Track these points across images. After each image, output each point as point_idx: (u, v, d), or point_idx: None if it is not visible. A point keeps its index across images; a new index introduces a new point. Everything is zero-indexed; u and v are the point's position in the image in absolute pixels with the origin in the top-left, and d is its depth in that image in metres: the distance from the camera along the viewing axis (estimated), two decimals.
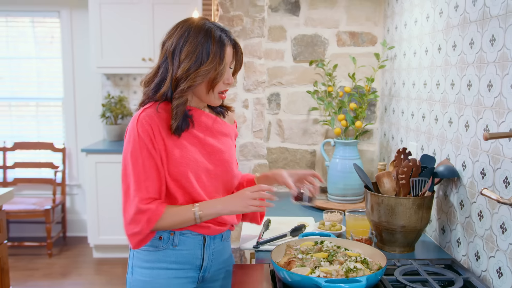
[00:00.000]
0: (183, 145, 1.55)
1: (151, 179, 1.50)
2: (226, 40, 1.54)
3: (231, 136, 1.72)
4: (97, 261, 4.54)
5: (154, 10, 4.58)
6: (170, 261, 1.58)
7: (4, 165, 4.97)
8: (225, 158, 1.63)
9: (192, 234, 1.59)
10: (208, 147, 1.60)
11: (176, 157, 1.53)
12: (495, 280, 1.49)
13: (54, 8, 5.04)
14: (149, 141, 1.50)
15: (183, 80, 1.49)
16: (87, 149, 4.45)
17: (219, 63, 1.51)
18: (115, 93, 5.07)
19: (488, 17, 1.56)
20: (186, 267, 1.60)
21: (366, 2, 2.79)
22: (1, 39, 5.13)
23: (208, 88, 1.54)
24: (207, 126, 1.62)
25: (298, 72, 2.84)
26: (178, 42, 1.50)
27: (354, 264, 1.43)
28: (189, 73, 1.48)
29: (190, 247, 1.60)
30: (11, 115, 5.22)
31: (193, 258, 1.61)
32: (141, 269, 1.59)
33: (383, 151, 2.77)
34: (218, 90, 1.56)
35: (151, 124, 1.50)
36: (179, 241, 1.58)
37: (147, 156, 1.50)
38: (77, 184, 5.24)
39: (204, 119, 1.61)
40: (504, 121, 1.45)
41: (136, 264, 1.61)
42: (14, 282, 3.99)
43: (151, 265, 1.58)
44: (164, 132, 1.52)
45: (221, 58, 1.51)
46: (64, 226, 5.13)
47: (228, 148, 1.66)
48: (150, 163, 1.50)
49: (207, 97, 1.57)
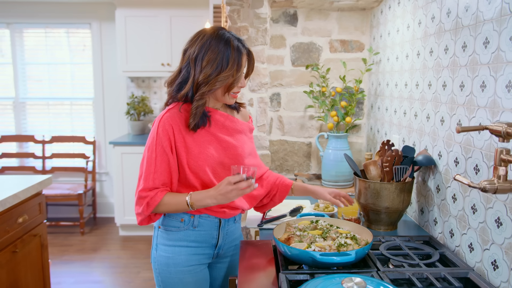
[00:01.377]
0: (201, 142, 1.54)
1: (159, 172, 1.49)
2: (243, 49, 1.53)
3: (245, 132, 1.68)
4: (122, 239, 4.56)
5: (172, 22, 4.57)
6: (190, 240, 1.59)
7: (43, 156, 4.99)
8: (238, 153, 1.61)
9: (210, 217, 1.60)
10: (224, 143, 1.58)
11: (195, 153, 1.52)
12: (467, 254, 1.48)
13: (86, 21, 5.04)
14: (166, 139, 1.49)
15: (204, 84, 1.48)
16: (114, 142, 4.46)
17: (237, 70, 1.50)
18: (138, 93, 5.07)
19: (460, 26, 1.54)
20: (203, 245, 1.61)
21: (354, 14, 2.77)
22: (41, 47, 5.13)
23: (224, 91, 1.53)
24: (223, 124, 1.60)
25: (296, 75, 2.83)
26: (200, 50, 1.48)
27: (344, 240, 1.43)
28: (209, 79, 1.47)
29: (207, 228, 1.61)
30: (49, 112, 5.22)
31: (210, 237, 1.62)
32: (164, 246, 1.60)
33: (370, 143, 2.76)
34: (232, 92, 1.56)
35: (172, 124, 1.50)
36: (199, 223, 1.59)
37: (161, 153, 1.49)
38: (106, 172, 5.26)
39: (219, 118, 1.60)
40: (475, 116, 1.44)
41: (160, 242, 1.61)
42: (52, 256, 4.02)
43: (173, 243, 1.59)
44: (184, 131, 1.52)
45: (238, 65, 1.50)
46: (94, 208, 5.15)
47: (242, 144, 1.64)
48: (163, 158, 1.49)
49: (223, 98, 1.56)
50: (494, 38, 1.33)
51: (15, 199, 2.25)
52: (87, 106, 5.22)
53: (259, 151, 2.62)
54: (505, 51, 1.28)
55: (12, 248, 2.25)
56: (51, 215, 5.14)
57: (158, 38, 4.59)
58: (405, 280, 1.35)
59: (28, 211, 2.41)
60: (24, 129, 5.21)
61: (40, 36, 5.11)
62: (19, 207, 2.32)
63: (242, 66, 1.52)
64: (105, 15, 5.00)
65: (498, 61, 1.31)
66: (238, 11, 2.50)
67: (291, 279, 1.32)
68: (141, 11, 4.56)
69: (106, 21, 5.01)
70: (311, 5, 2.69)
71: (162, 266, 1.60)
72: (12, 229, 2.25)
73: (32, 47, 5.13)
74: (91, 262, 3.98)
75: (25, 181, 2.48)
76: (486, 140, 1.37)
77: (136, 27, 4.58)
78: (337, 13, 2.77)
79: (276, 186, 1.80)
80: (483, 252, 1.38)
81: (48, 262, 2.68)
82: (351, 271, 1.34)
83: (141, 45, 4.59)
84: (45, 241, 2.63)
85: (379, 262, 1.43)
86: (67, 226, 4.88)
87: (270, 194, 1.80)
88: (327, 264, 1.32)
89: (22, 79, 5.14)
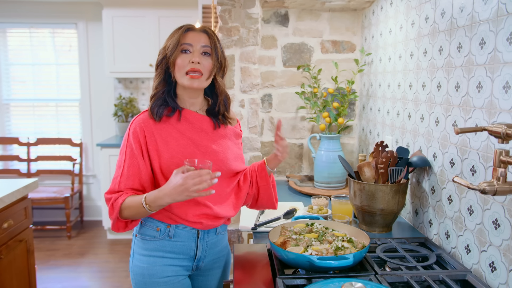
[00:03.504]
0: (175, 146, 1.47)
1: (126, 176, 1.44)
2: (188, 26, 1.51)
3: (229, 137, 1.60)
4: (110, 242, 4.50)
5: (160, 22, 4.53)
6: (166, 251, 1.51)
7: (28, 158, 4.89)
8: (219, 158, 1.52)
9: (187, 228, 1.52)
10: (202, 148, 1.51)
11: (166, 157, 1.46)
12: (463, 256, 1.48)
13: (71, 21, 4.96)
14: (136, 142, 1.45)
15: (157, 61, 1.53)
16: (101, 144, 4.40)
17: (169, 40, 1.49)
18: (125, 94, 5.01)
19: (455, 27, 1.54)
20: (180, 257, 1.53)
21: (346, 14, 2.77)
22: (25, 47, 5.04)
23: (175, 69, 1.48)
24: (201, 128, 1.53)
25: (287, 75, 2.81)
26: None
27: (341, 243, 1.41)
28: (158, 55, 1.53)
29: (184, 239, 1.52)
30: (34, 114, 5.13)
31: (187, 249, 1.53)
32: (140, 256, 1.53)
33: (362, 144, 2.75)
34: (185, 70, 1.46)
35: (144, 127, 1.46)
36: (175, 233, 1.51)
37: (130, 156, 1.45)
38: (93, 175, 5.18)
39: (196, 120, 1.53)
40: (471, 117, 1.44)
41: (136, 251, 1.55)
42: (38, 261, 3.94)
43: (149, 253, 1.51)
44: (157, 134, 1.47)
45: (174, 37, 1.48)
46: (81, 211, 5.07)
47: (224, 149, 1.55)
48: (132, 162, 1.45)
49: (181, 80, 1.48)
50: (491, 38, 1.32)
51: None
52: (73, 108, 5.14)
53: (250, 153, 2.59)
54: (502, 52, 1.27)
55: None
56: (37, 219, 5.04)
57: (146, 39, 4.54)
58: (403, 283, 1.33)
59: (13, 216, 2.35)
60: (8, 131, 5.10)
61: (25, 36, 5.02)
62: (4, 212, 2.26)
63: (176, 38, 1.47)
64: (91, 15, 4.93)
65: (495, 62, 1.30)
66: (230, 11, 2.48)
67: (288, 284, 1.29)
68: (129, 11, 4.51)
69: (93, 21, 4.94)
70: (303, 5, 2.67)
71: (138, 276, 1.52)
72: None
73: (16, 47, 5.04)
74: (78, 267, 3.91)
75: (10, 185, 2.42)
76: (483, 141, 1.36)
77: (123, 28, 4.52)
78: (329, 13, 2.76)
79: (253, 171, 1.68)
80: (481, 254, 1.37)
81: (34, 268, 2.61)
82: (349, 275, 1.32)
83: (129, 46, 4.54)
84: (31, 246, 2.56)
85: (376, 265, 1.41)
86: (54, 230, 4.80)
87: (252, 182, 1.67)
88: (325, 268, 1.30)
89: (5, 80, 5.04)
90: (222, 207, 1.56)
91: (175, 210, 1.48)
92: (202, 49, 1.48)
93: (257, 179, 1.67)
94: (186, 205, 1.48)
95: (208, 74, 1.50)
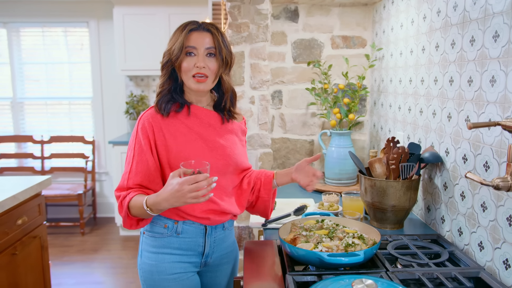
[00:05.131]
0: (183, 141, 1.47)
1: (135, 173, 1.44)
2: (191, 26, 1.47)
3: (236, 133, 1.60)
4: (123, 238, 4.53)
5: (170, 19, 4.54)
6: (174, 247, 1.51)
7: (42, 156, 4.95)
8: (227, 153, 1.52)
9: (194, 224, 1.51)
10: (210, 143, 1.50)
11: (174, 152, 1.45)
12: (477, 253, 1.45)
13: (83, 19, 4.99)
14: (145, 137, 1.45)
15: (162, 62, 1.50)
16: (113, 141, 4.42)
17: (174, 43, 1.45)
18: (137, 92, 5.03)
19: (468, 20, 1.51)
20: (189, 253, 1.53)
21: (356, 9, 2.74)
22: (38, 46, 5.09)
23: (181, 71, 1.47)
24: (209, 123, 1.53)
25: (297, 71, 2.79)
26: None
27: (352, 239, 1.40)
28: (163, 57, 1.50)
29: (192, 235, 1.52)
30: (47, 112, 5.18)
31: (195, 245, 1.53)
32: (148, 253, 1.53)
33: (373, 140, 2.73)
34: (191, 74, 1.45)
35: (151, 122, 1.46)
36: (182, 229, 1.50)
37: (139, 152, 1.45)
38: (105, 172, 5.22)
39: (204, 115, 1.53)
40: (484, 112, 1.41)
41: (144, 248, 1.55)
42: (52, 257, 3.98)
43: (157, 250, 1.51)
44: (165, 129, 1.47)
45: (178, 40, 1.45)
46: (94, 208, 5.12)
47: (231, 144, 1.55)
48: (141, 158, 1.44)
49: (188, 83, 1.47)
50: (505, 31, 1.29)
51: (14, 200, 2.21)
52: (86, 106, 5.18)
53: (261, 149, 2.59)
54: None
55: (11, 251, 2.21)
56: (51, 216, 5.10)
57: (157, 36, 4.55)
58: (414, 280, 1.32)
59: (27, 212, 2.38)
60: (23, 129, 5.16)
61: (38, 36, 5.07)
62: (18, 209, 2.29)
63: (179, 41, 1.44)
64: (102, 14, 4.96)
65: (509, 55, 1.27)
66: (239, 7, 2.47)
67: (298, 280, 1.29)
68: (139, 9, 4.52)
69: (104, 20, 4.97)
70: (312, 0, 2.65)
71: (147, 273, 1.52)
72: (11, 231, 2.22)
73: (29, 46, 5.09)
74: (92, 263, 3.95)
75: (24, 182, 2.44)
76: (496, 136, 1.34)
77: (134, 25, 4.54)
78: (339, 8, 2.74)
79: (258, 179, 1.65)
80: (494, 251, 1.35)
81: (49, 264, 2.64)
82: (360, 272, 1.30)
83: (140, 44, 4.55)
84: (45, 242, 2.59)
85: (387, 262, 1.40)
86: (67, 226, 4.85)
87: (254, 189, 1.65)
88: (335, 265, 1.29)
89: (19, 79, 5.10)
90: (228, 202, 1.56)
91: (182, 207, 1.47)
92: (207, 51, 1.47)
93: (259, 189, 1.65)
94: None
95: (214, 76, 1.49)
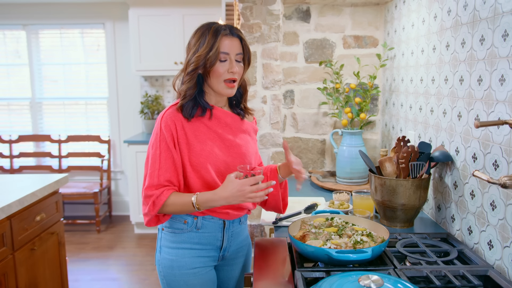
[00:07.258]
0: (203, 139, 1.51)
1: (164, 169, 1.46)
2: (223, 31, 1.49)
3: (249, 132, 1.64)
4: (138, 236, 4.60)
5: (184, 20, 4.58)
6: (193, 242, 1.55)
7: (60, 155, 5.05)
8: (242, 152, 1.57)
9: (214, 219, 1.56)
10: (227, 142, 1.55)
11: (197, 149, 1.49)
12: (486, 252, 1.46)
13: (99, 21, 5.08)
14: (169, 135, 1.48)
15: (188, 67, 1.49)
16: (128, 141, 4.49)
17: (209, 49, 1.46)
18: (151, 92, 5.10)
19: (478, 19, 1.51)
20: (208, 248, 1.57)
21: (368, 9, 2.74)
22: (56, 47, 5.19)
23: (211, 75, 1.49)
24: (226, 122, 1.57)
25: (309, 71, 2.81)
26: (191, 40, 1.53)
27: (360, 237, 1.41)
28: (190, 61, 1.49)
29: (211, 230, 1.56)
30: (64, 112, 5.28)
31: (214, 239, 1.57)
32: (168, 249, 1.57)
33: (385, 139, 2.73)
34: (223, 79, 1.49)
35: (174, 120, 1.49)
36: (202, 225, 1.55)
37: (165, 149, 1.47)
38: (121, 171, 5.30)
39: (221, 114, 1.56)
40: (493, 111, 1.41)
41: (163, 244, 1.59)
42: (69, 253, 4.07)
43: (177, 245, 1.55)
44: (187, 127, 1.50)
45: (213, 46, 1.46)
46: (110, 206, 5.20)
47: (245, 143, 1.60)
48: (167, 155, 1.47)
49: (217, 87, 1.51)
50: None
51: (32, 197, 2.28)
52: (102, 106, 5.27)
53: (273, 148, 2.61)
54: None
55: (30, 246, 2.28)
56: (68, 213, 5.20)
57: (171, 37, 4.60)
58: (422, 278, 1.33)
59: (45, 209, 2.44)
60: (41, 129, 5.27)
61: (55, 37, 5.17)
62: (37, 206, 2.35)
63: (215, 47, 1.46)
64: (118, 15, 5.03)
65: None
66: (251, 8, 2.49)
67: (306, 276, 1.31)
68: (154, 10, 4.58)
69: (120, 21, 5.04)
70: (324, 0, 2.66)
71: (167, 268, 1.56)
72: (30, 227, 2.28)
73: (47, 47, 5.19)
74: (107, 260, 4.01)
75: (42, 180, 2.51)
76: (505, 135, 1.34)
77: (149, 26, 4.60)
78: (351, 8, 2.74)
79: (264, 174, 1.68)
80: (503, 250, 1.35)
81: (66, 260, 2.71)
82: (368, 269, 1.32)
83: (154, 44, 4.61)
84: (62, 239, 2.66)
85: (396, 259, 1.41)
86: (84, 224, 4.94)
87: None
88: (343, 261, 1.31)
89: (38, 79, 5.21)
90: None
91: None
92: (237, 57, 1.51)
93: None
94: None
95: (240, 80, 1.56)
